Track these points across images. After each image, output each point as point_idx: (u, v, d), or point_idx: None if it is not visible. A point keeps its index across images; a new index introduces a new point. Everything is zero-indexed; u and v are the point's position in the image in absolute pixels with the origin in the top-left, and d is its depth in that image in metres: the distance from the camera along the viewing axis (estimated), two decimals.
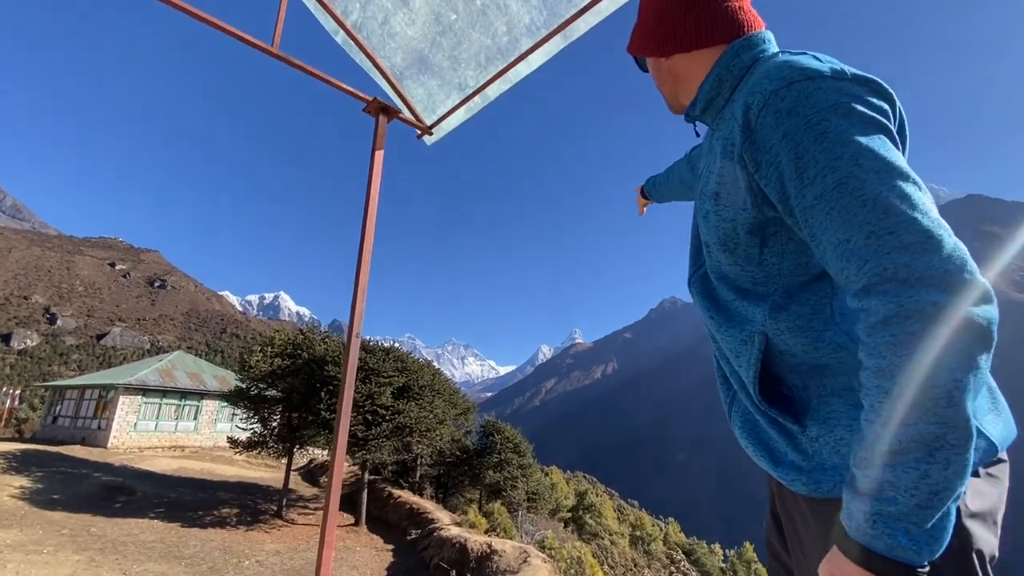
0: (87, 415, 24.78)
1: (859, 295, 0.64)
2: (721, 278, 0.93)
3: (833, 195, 0.66)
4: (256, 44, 2.35)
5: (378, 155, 2.65)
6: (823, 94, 0.70)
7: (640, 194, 1.90)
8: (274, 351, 13.69)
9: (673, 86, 1.01)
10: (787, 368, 0.84)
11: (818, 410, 0.78)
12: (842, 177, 0.66)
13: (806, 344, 0.79)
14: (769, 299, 0.84)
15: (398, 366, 13.76)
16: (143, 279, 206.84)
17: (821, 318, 0.79)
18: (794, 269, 0.83)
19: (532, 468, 19.68)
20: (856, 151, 0.66)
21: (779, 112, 0.73)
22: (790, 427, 0.81)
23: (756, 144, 0.77)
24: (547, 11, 2.24)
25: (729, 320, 0.90)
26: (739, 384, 0.91)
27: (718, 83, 0.90)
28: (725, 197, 0.86)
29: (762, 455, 0.86)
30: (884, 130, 0.69)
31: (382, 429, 12.24)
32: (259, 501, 14.02)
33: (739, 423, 0.92)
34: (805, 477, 0.77)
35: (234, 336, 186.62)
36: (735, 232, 0.86)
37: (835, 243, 0.67)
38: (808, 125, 0.70)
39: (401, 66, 2.75)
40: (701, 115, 0.97)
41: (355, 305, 2.33)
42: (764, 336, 0.83)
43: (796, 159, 0.71)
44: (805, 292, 0.82)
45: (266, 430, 13.60)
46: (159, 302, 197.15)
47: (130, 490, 13.06)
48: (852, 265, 0.65)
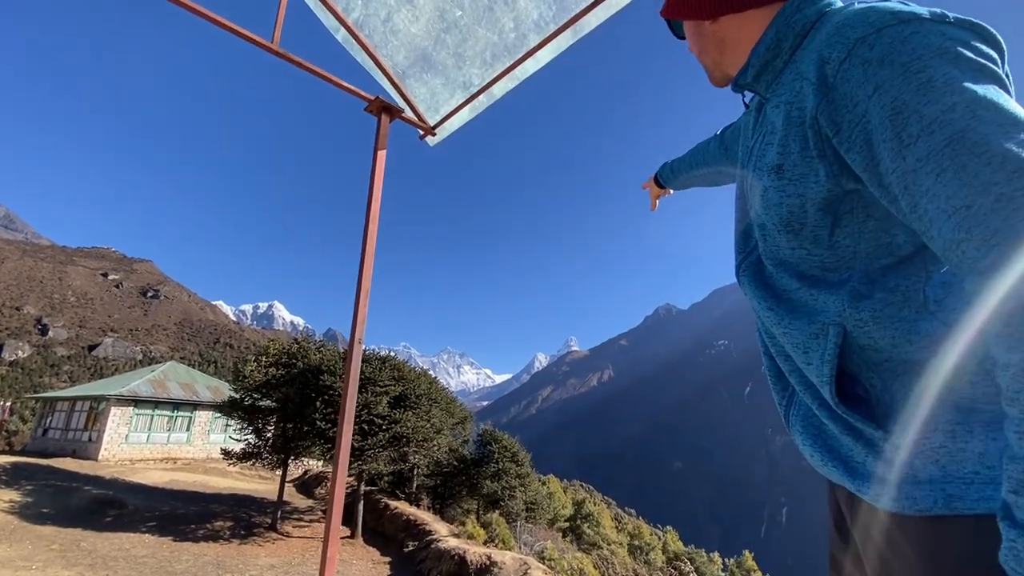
0: (78, 427, 24.38)
1: (986, 272, 0.52)
2: (780, 264, 0.81)
3: (946, 153, 0.55)
4: (256, 40, 2.28)
5: (380, 155, 2.58)
6: (922, 38, 0.59)
7: (654, 184, 1.76)
8: (268, 360, 13.53)
9: (718, 54, 0.89)
10: (867, 365, 0.72)
11: (905, 413, 0.67)
12: (957, 131, 0.54)
13: (897, 336, 0.67)
14: (847, 286, 0.72)
15: (394, 375, 13.62)
16: (136, 289, 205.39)
17: (913, 306, 0.67)
18: (873, 251, 0.71)
19: (530, 477, 19.49)
20: (970, 100, 0.55)
21: (868, 62, 0.62)
22: (870, 432, 0.69)
23: (836, 103, 0.66)
24: (556, 5, 2.19)
25: (793, 312, 0.78)
26: (802, 383, 0.80)
27: (776, 43, 0.78)
28: (791, 170, 0.75)
29: (833, 465, 0.75)
30: (997, 79, 0.58)
31: (378, 439, 12.08)
32: (253, 514, 13.77)
33: (800, 428, 0.81)
34: (894, 491, 0.66)
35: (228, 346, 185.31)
36: (803, 210, 0.75)
37: (949, 211, 0.55)
38: (907, 74, 0.58)
39: (404, 64, 2.68)
40: (754, 82, 0.85)
41: (357, 309, 2.25)
42: (841, 328, 0.71)
43: (893, 115, 0.59)
44: (891, 277, 0.70)
45: (260, 441, 13.40)
46: (152, 312, 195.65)
47: (121, 504, 12.80)
48: (975, 235, 0.52)
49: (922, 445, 0.64)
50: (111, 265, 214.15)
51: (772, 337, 0.86)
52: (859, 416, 0.70)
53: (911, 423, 0.66)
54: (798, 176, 0.74)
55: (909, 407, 0.67)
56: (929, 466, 0.64)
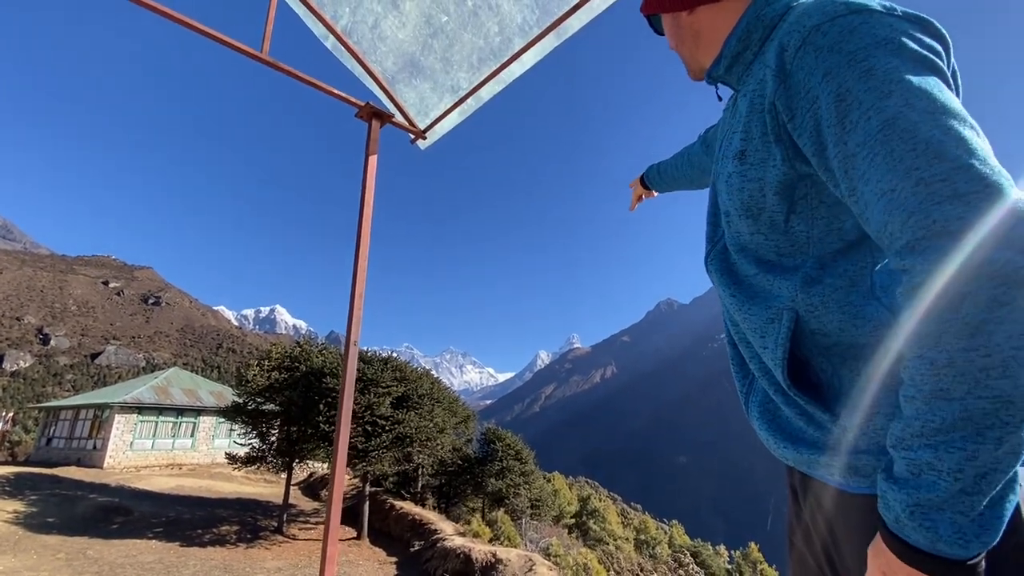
0: (82, 435, 24.44)
1: (902, 252, 0.56)
2: (741, 250, 0.84)
3: (878, 139, 0.58)
4: (245, 50, 2.32)
5: (371, 160, 2.62)
6: (870, 28, 0.62)
7: (639, 184, 1.80)
8: (271, 364, 13.58)
9: (693, 45, 0.92)
10: (817, 350, 0.75)
11: (852, 397, 0.70)
12: (889, 118, 0.57)
13: (844, 321, 0.70)
14: (800, 271, 0.75)
15: (397, 376, 13.67)
16: (137, 296, 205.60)
17: (860, 291, 0.70)
18: (825, 236, 0.74)
19: (534, 475, 19.55)
20: (907, 90, 0.58)
21: (819, 49, 0.65)
22: (820, 416, 0.73)
23: (791, 88, 0.69)
24: (539, 10, 2.22)
25: (752, 297, 0.81)
26: (760, 369, 0.82)
27: (747, 34, 0.81)
28: (752, 154, 0.78)
29: (786, 447, 0.78)
30: (937, 71, 0.61)
31: (382, 440, 12.13)
32: (259, 517, 13.83)
33: (757, 413, 0.84)
34: (840, 471, 0.70)
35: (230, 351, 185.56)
36: (761, 194, 0.77)
37: (878, 194, 0.58)
38: (852, 62, 0.61)
39: (393, 70, 2.72)
40: (726, 74, 0.88)
41: (352, 312, 2.29)
42: (794, 313, 0.74)
43: (837, 100, 0.62)
44: (840, 262, 0.73)
45: (264, 445, 13.45)
46: (153, 319, 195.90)
47: (127, 510, 12.85)
48: (896, 218, 0.56)
49: (865, 427, 0.68)
50: (112, 273, 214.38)
51: (735, 324, 0.88)
52: (810, 399, 0.73)
53: (856, 407, 0.69)
54: (758, 161, 0.77)
55: (855, 391, 0.70)
56: (871, 447, 0.67)
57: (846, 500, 0.72)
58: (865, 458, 0.68)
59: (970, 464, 0.51)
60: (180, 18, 2.16)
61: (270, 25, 2.39)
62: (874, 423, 0.67)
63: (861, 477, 0.69)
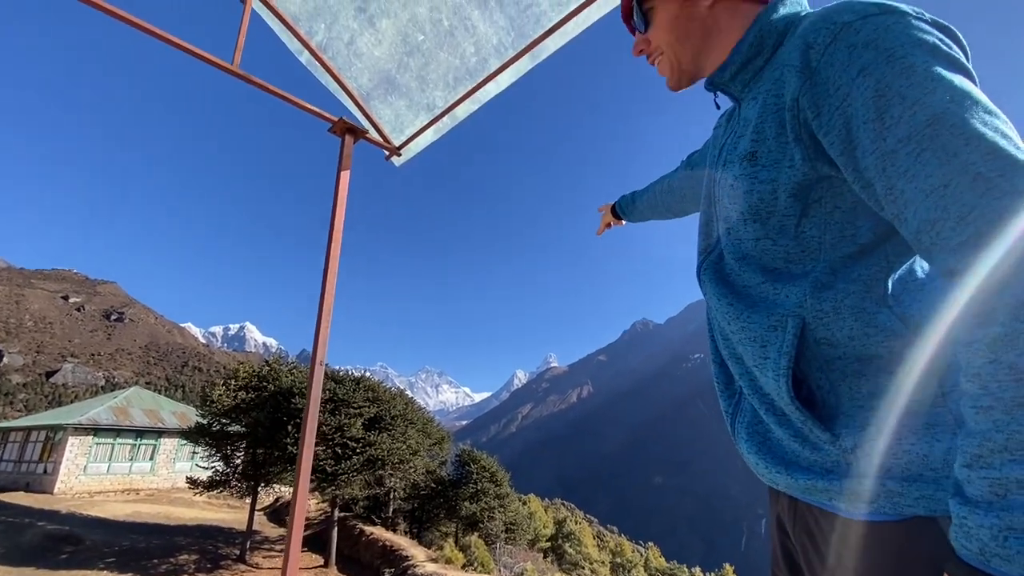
0: (32, 459, 23.11)
1: (959, 250, 0.53)
2: (742, 259, 0.80)
3: (927, 133, 0.56)
4: (216, 62, 2.27)
5: (344, 176, 2.58)
6: (904, 28, 0.61)
7: (609, 212, 1.78)
8: (238, 384, 13.15)
9: (701, 42, 0.87)
10: (817, 363, 0.71)
11: (852, 416, 0.66)
12: (937, 113, 0.55)
13: (855, 328, 0.67)
14: (810, 276, 0.71)
15: (369, 396, 13.38)
16: (99, 312, 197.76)
17: (874, 298, 0.67)
18: (839, 241, 0.71)
19: (509, 497, 19.24)
20: (950, 87, 0.56)
21: (853, 46, 0.63)
22: (817, 436, 0.68)
23: (818, 85, 0.66)
24: (515, 32, 2.25)
25: (753, 306, 0.77)
26: (751, 387, 0.78)
27: (760, 41, 0.79)
28: (764, 156, 0.75)
29: (778, 471, 0.73)
30: (970, 75, 0.60)
31: (352, 463, 11.78)
32: (220, 545, 13.19)
33: (746, 435, 0.80)
34: (838, 489, 0.66)
35: (196, 369, 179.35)
36: (773, 196, 0.74)
37: (927, 190, 0.55)
38: (891, 59, 0.60)
39: (368, 87, 2.70)
40: (730, 81, 0.84)
41: (319, 331, 2.22)
42: (800, 320, 0.70)
43: (876, 96, 0.60)
44: (854, 267, 0.69)
45: (229, 468, 12.94)
46: (116, 336, 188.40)
47: (78, 539, 12.11)
48: (952, 214, 0.53)
49: (867, 448, 0.64)
50: (73, 287, 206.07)
51: (726, 339, 0.85)
52: (809, 416, 0.69)
53: (857, 426, 0.66)
54: (772, 162, 0.74)
55: (856, 409, 0.67)
56: (874, 468, 0.64)
57: (845, 527, 0.67)
58: (868, 483, 0.63)
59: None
60: (150, 29, 2.11)
61: (242, 38, 2.36)
62: (876, 444, 0.64)
63: (864, 503, 0.64)
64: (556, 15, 2.12)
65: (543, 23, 2.17)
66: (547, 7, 2.12)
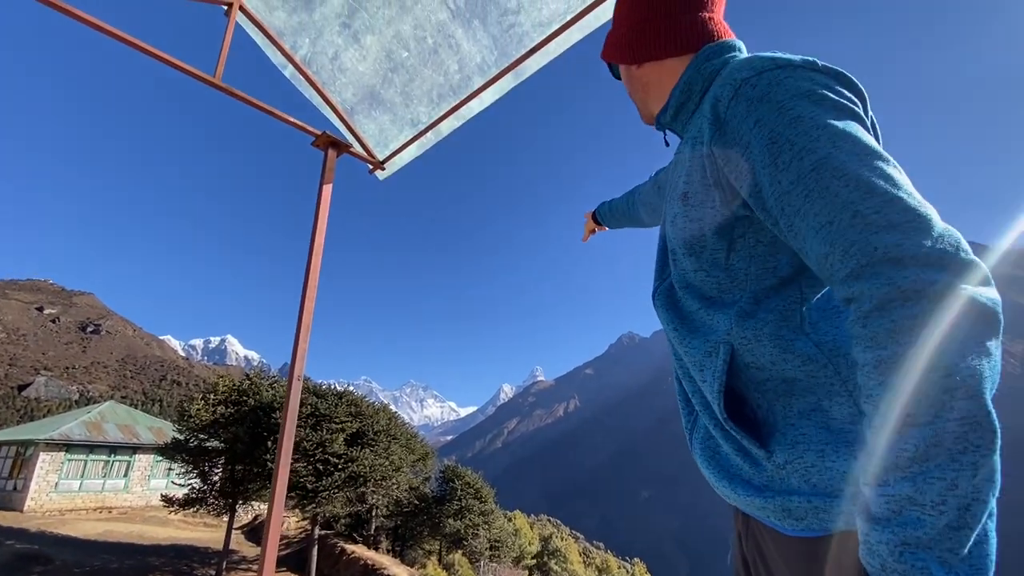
0: (1, 475, 22.24)
1: (847, 281, 0.58)
2: (686, 287, 0.88)
3: (812, 176, 0.62)
4: (197, 75, 2.27)
5: (326, 189, 2.57)
6: (794, 81, 0.69)
7: (591, 219, 1.84)
8: (217, 398, 12.86)
9: (644, 94, 1.01)
10: (752, 384, 0.77)
11: (785, 433, 0.71)
12: (820, 158, 0.62)
13: (775, 355, 0.73)
14: (736, 305, 0.78)
15: (352, 411, 13.18)
16: (75, 324, 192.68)
17: (790, 326, 0.74)
18: (762, 273, 0.78)
19: (494, 514, 18.99)
20: (832, 134, 0.63)
21: (750, 100, 0.71)
22: (755, 451, 0.73)
23: (726, 135, 0.74)
24: (498, 51, 2.28)
25: (693, 332, 0.84)
26: (701, 404, 0.84)
27: (688, 87, 0.89)
28: (693, 196, 0.83)
29: (724, 485, 0.78)
30: (857, 117, 0.67)
31: (334, 479, 11.56)
32: (195, 565, 12.78)
33: (700, 450, 0.85)
34: (773, 507, 0.69)
35: (175, 383, 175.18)
36: (702, 233, 0.82)
37: (816, 227, 0.62)
38: (781, 110, 0.67)
39: (352, 101, 2.72)
40: (671, 122, 0.96)
41: (297, 346, 2.19)
42: (730, 346, 0.77)
43: (770, 144, 0.67)
44: (773, 298, 0.76)
45: (206, 485, 12.58)
46: (91, 348, 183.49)
47: (47, 559, 11.63)
48: (837, 248, 0.59)
49: (797, 464, 0.68)
50: (48, 298, 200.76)
51: (680, 359, 0.90)
52: (745, 434, 0.73)
53: (788, 443, 0.70)
54: (699, 202, 0.82)
55: (787, 428, 0.71)
56: (803, 484, 0.67)
57: (783, 544, 0.70)
58: (797, 500, 0.66)
59: (952, 495, 0.48)
60: (132, 41, 2.10)
61: (225, 51, 2.36)
62: (805, 460, 0.67)
63: (795, 519, 0.67)
64: (538, 35, 2.17)
65: (525, 43, 2.21)
66: (529, 28, 2.16)
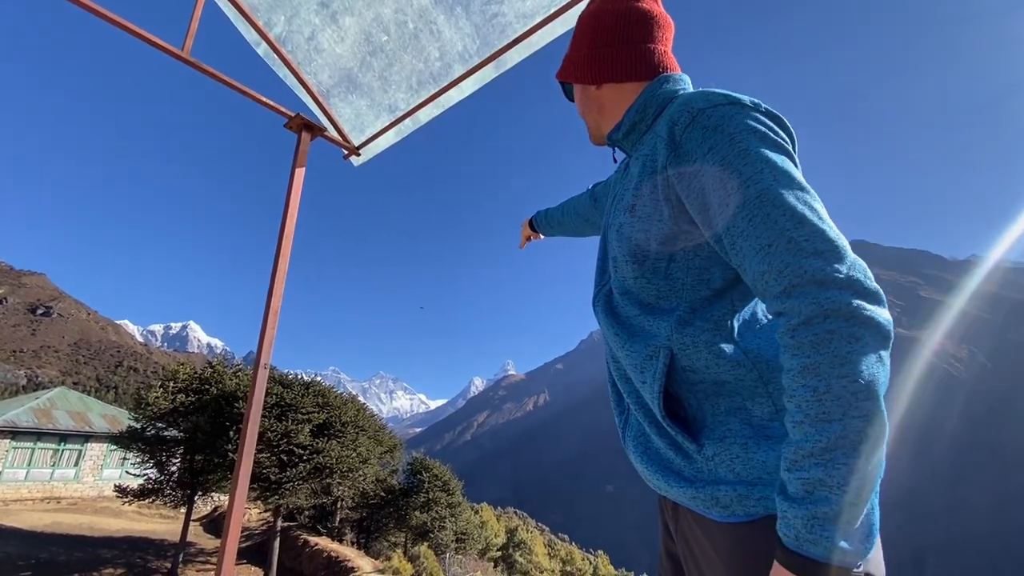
0: None
1: (780, 297, 0.69)
2: (625, 293, 0.95)
3: (756, 203, 0.72)
4: (164, 47, 2.16)
5: (298, 173, 2.50)
6: (743, 118, 0.79)
7: (527, 226, 1.90)
8: (177, 386, 12.43)
9: (598, 114, 1.07)
10: (686, 386, 0.85)
11: (714, 429, 0.80)
12: (764, 188, 0.72)
13: (709, 360, 0.81)
14: (675, 313, 0.86)
15: (319, 401, 12.95)
16: (23, 305, 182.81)
17: (723, 334, 0.83)
18: (697, 284, 0.86)
19: (461, 507, 19.02)
20: (774, 168, 0.74)
21: (706, 128, 0.80)
22: (687, 446, 0.81)
23: (681, 156, 0.82)
24: (480, 40, 2.26)
25: (633, 336, 0.90)
26: (636, 403, 0.91)
27: (643, 109, 0.97)
28: (641, 209, 0.90)
29: (657, 476, 0.86)
30: (791, 155, 0.78)
31: (299, 470, 11.35)
32: (150, 558, 12.38)
33: (632, 445, 0.92)
34: (704, 496, 0.78)
35: (132, 370, 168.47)
36: (647, 243, 0.89)
37: (757, 248, 0.72)
38: (732, 141, 0.77)
39: (328, 83, 2.64)
40: (623, 139, 1.02)
41: (264, 334, 2.13)
42: (669, 351, 0.84)
43: (721, 169, 0.76)
44: (708, 308, 0.85)
45: (163, 475, 12.17)
46: (41, 331, 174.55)
47: None
48: (774, 268, 0.69)
49: (724, 455, 0.78)
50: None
51: (616, 361, 0.97)
52: (679, 430, 0.82)
53: (716, 437, 0.79)
54: (646, 215, 0.90)
55: (716, 424, 0.81)
56: (728, 474, 0.77)
57: (713, 530, 0.78)
58: (725, 489, 0.75)
59: (853, 477, 0.60)
60: (95, 8, 1.98)
61: (195, 24, 2.25)
62: (731, 452, 0.77)
63: (722, 507, 0.76)
64: (521, 27, 2.15)
65: (508, 34, 2.19)
66: (512, 18, 2.14)
